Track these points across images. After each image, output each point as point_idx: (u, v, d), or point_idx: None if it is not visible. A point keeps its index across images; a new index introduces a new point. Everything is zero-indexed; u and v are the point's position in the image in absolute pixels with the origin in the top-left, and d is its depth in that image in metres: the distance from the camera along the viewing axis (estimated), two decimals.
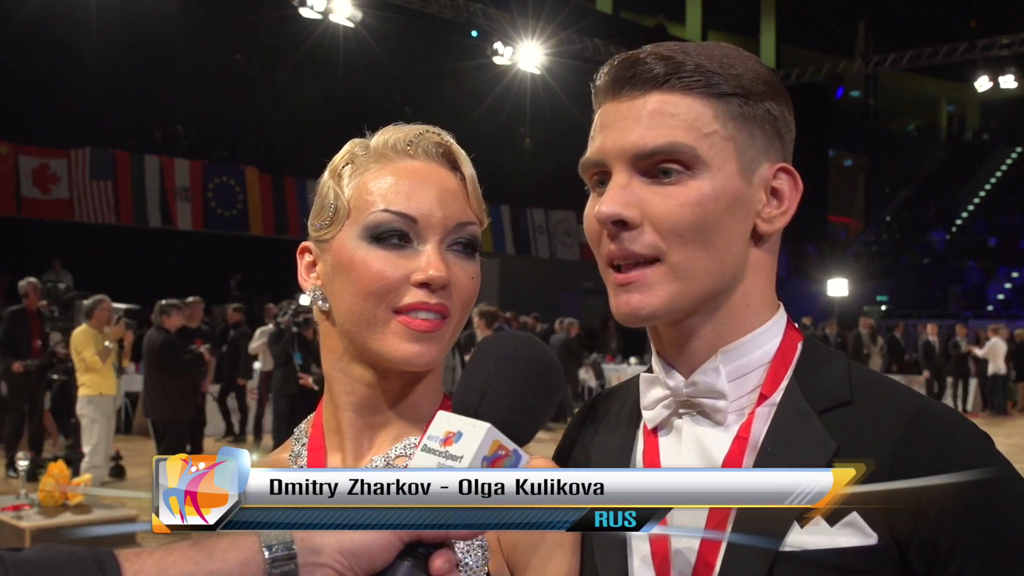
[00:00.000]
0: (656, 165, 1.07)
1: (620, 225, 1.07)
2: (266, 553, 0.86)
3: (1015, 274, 29.03)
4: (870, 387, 1.08)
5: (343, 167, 1.21)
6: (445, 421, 0.96)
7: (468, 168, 1.22)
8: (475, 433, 0.93)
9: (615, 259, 1.09)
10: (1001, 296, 28.61)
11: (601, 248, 1.11)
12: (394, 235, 1.14)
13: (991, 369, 17.13)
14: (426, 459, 0.94)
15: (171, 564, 0.85)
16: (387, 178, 1.17)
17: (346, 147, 1.24)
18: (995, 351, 17.09)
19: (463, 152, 1.23)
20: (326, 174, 1.23)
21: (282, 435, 10.05)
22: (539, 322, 16.88)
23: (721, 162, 1.07)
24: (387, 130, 1.23)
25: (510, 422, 0.95)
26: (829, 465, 0.99)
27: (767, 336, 1.11)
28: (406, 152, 1.19)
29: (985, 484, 0.98)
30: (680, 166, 1.06)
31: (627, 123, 1.08)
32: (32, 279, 10.56)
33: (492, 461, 0.92)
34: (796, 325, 1.16)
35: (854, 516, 0.98)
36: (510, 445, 0.94)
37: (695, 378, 1.10)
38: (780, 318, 1.14)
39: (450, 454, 0.93)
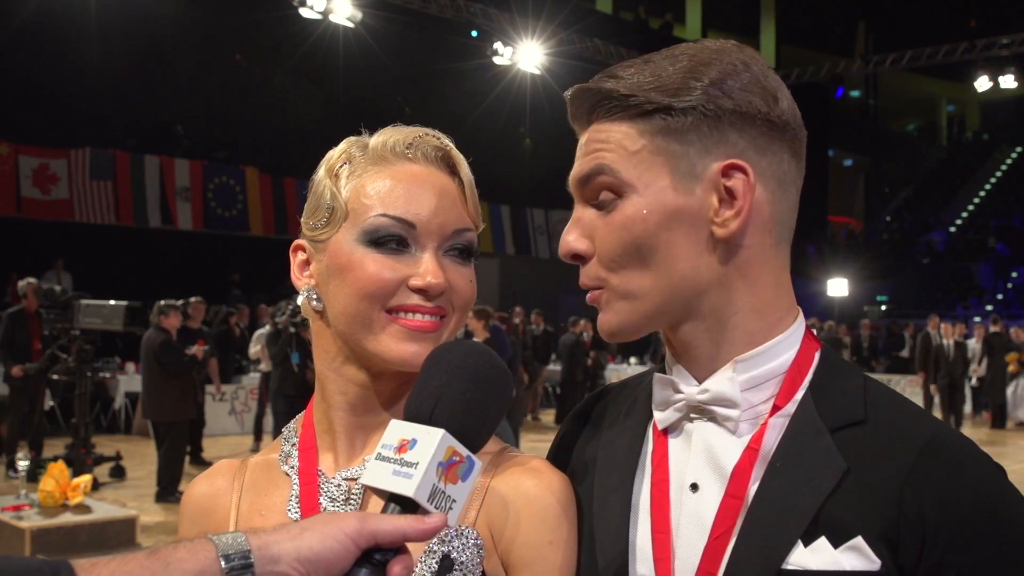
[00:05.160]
0: (596, 194, 1.09)
1: (576, 257, 1.11)
2: (223, 563, 0.85)
3: (1015, 273, 29.06)
4: (886, 408, 1.06)
5: (340, 167, 1.20)
6: (399, 429, 0.96)
7: (466, 173, 1.22)
8: (430, 439, 0.93)
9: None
10: (1001, 296, 28.62)
11: None
12: (392, 240, 1.14)
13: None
14: (381, 467, 0.94)
15: (127, 574, 0.84)
16: (386, 181, 1.16)
17: (342, 145, 1.23)
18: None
19: (461, 156, 1.22)
20: (321, 172, 1.21)
21: None
22: (544, 321, 16.90)
23: (649, 179, 1.05)
24: (385, 131, 1.22)
25: (464, 428, 0.96)
26: (837, 486, 0.99)
27: (784, 346, 1.09)
28: (405, 155, 1.18)
29: (996, 516, 0.98)
30: (612, 193, 1.07)
31: (577, 157, 1.12)
32: (32, 280, 10.54)
33: (447, 467, 0.93)
34: (815, 333, 1.14)
35: (859, 540, 0.97)
36: (464, 451, 0.94)
37: (708, 385, 1.08)
38: (798, 327, 1.11)
39: (405, 461, 0.93)
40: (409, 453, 0.93)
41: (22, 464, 6.02)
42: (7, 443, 9.96)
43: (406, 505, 0.92)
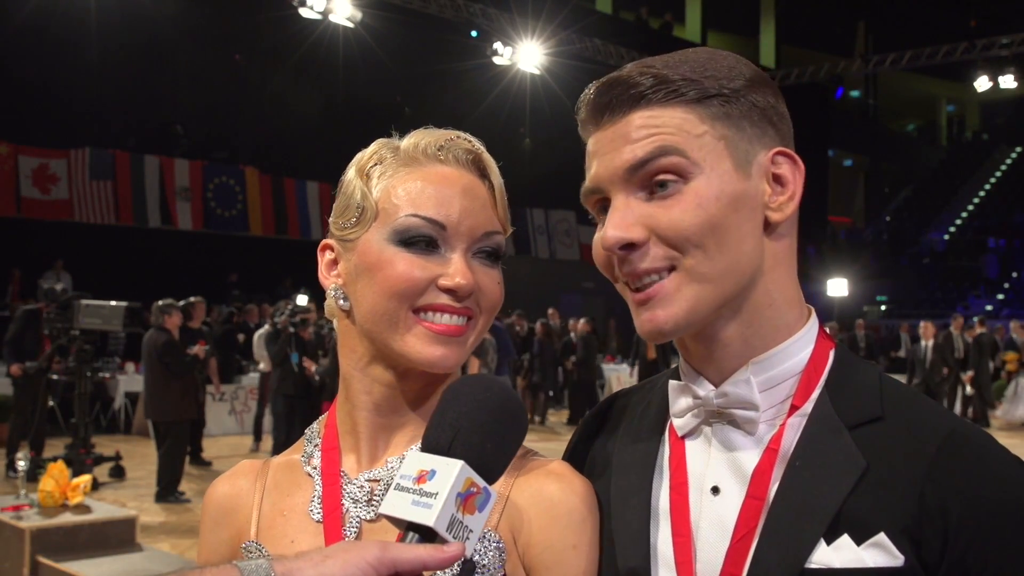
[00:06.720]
0: (651, 178, 1.06)
1: (628, 248, 1.06)
2: None
3: (1015, 273, 29.08)
4: (903, 404, 1.06)
5: (371, 167, 1.20)
6: (418, 460, 0.96)
7: (496, 176, 1.22)
8: (449, 470, 0.94)
9: (630, 281, 1.08)
10: (1001, 296, 28.63)
11: (615, 272, 1.10)
12: (422, 240, 1.14)
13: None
14: (400, 497, 0.95)
15: None
16: (417, 182, 1.16)
17: (373, 147, 1.22)
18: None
19: (492, 160, 1.23)
20: (352, 172, 1.21)
21: (280, 435, 10.05)
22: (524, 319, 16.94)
23: (714, 161, 1.05)
24: (417, 133, 1.22)
25: (481, 460, 0.96)
26: (858, 483, 0.99)
27: (799, 346, 1.09)
28: (436, 157, 1.19)
29: (1020, 509, 0.98)
30: (674, 175, 1.05)
31: (615, 144, 1.08)
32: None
33: (465, 498, 0.94)
34: (827, 331, 1.14)
35: (882, 536, 0.97)
36: (481, 482, 0.95)
37: (726, 389, 1.08)
38: (812, 326, 1.12)
39: (424, 491, 0.93)
40: (428, 484, 0.94)
41: (22, 464, 6.01)
42: (9, 442, 9.97)
43: (425, 534, 0.93)
